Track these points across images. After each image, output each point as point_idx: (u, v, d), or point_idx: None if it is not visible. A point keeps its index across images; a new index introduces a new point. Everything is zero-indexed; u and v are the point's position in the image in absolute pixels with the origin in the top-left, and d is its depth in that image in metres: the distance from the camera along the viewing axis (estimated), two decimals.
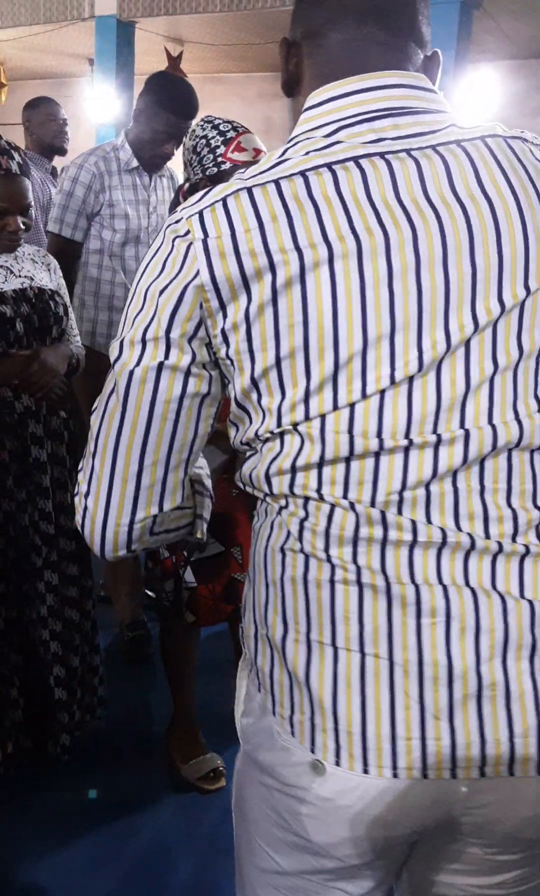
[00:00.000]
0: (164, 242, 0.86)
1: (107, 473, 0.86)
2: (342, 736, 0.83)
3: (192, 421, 0.87)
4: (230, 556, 2.06)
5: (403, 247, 0.81)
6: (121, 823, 2.07)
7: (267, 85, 10.62)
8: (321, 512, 0.84)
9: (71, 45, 9.28)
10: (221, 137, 1.91)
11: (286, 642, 0.86)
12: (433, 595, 0.81)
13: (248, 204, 0.83)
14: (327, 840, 0.87)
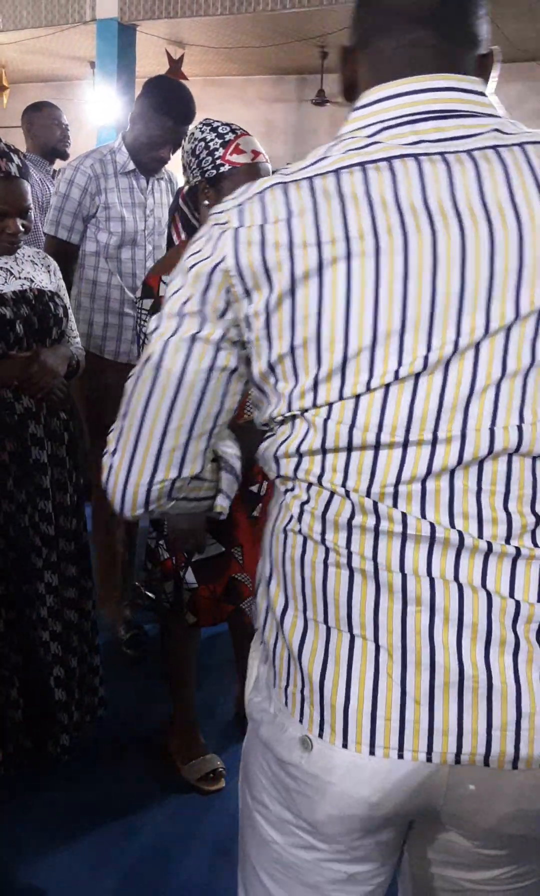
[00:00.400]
0: (207, 228, 0.92)
1: (133, 434, 0.91)
2: (327, 710, 0.86)
3: (218, 393, 0.91)
4: (231, 556, 2.07)
5: (422, 249, 0.83)
6: (120, 824, 2.07)
7: (267, 88, 10.64)
8: (321, 497, 0.87)
9: (72, 48, 9.29)
10: (220, 140, 1.92)
11: (285, 617, 0.91)
12: (419, 585, 0.84)
13: (281, 198, 0.87)
14: (315, 817, 0.90)
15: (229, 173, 1.90)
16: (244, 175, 1.90)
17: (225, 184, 1.91)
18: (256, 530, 2.05)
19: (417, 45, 0.90)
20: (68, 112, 3.84)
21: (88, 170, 2.61)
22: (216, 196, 1.93)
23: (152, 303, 1.89)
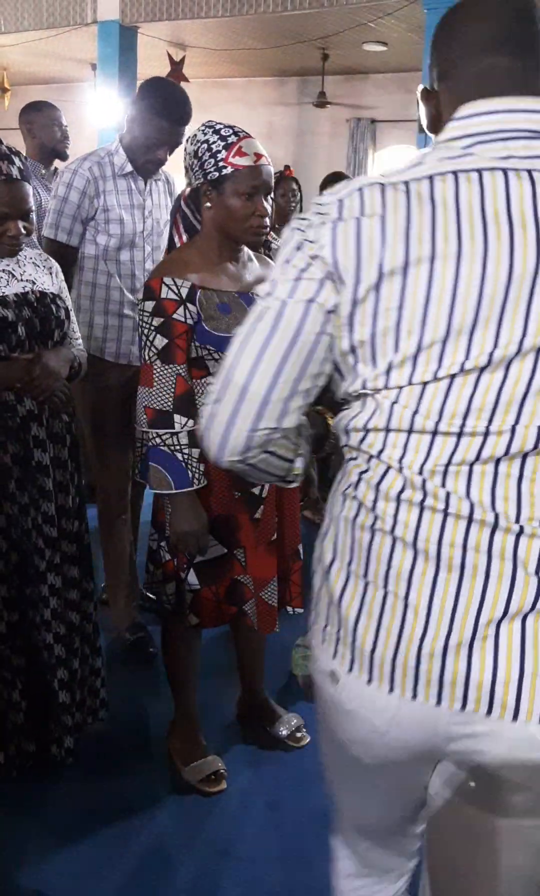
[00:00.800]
0: (311, 214, 1.02)
1: (241, 384, 0.98)
2: (356, 651, 0.99)
3: (320, 356, 1.00)
4: (233, 557, 2.07)
5: (499, 256, 0.92)
6: (122, 826, 2.07)
7: (269, 90, 10.64)
8: (378, 469, 0.99)
9: (74, 51, 9.30)
10: (223, 142, 1.92)
11: (331, 568, 1.04)
12: (452, 556, 0.94)
13: (378, 196, 0.97)
14: (345, 737, 1.05)
15: (232, 175, 1.91)
16: (246, 177, 1.91)
17: (227, 186, 1.91)
18: (259, 532, 2.05)
19: (495, 69, 1.00)
20: (69, 114, 3.84)
21: (86, 173, 2.61)
22: (218, 198, 1.93)
23: (154, 305, 1.90)
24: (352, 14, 7.37)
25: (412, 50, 8.02)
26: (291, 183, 4.23)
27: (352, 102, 10.07)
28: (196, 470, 1.92)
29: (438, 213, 0.93)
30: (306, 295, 0.98)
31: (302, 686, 2.66)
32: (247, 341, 1.00)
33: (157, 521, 2.09)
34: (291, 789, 2.23)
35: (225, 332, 1.92)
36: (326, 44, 8.58)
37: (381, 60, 9.15)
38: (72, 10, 8.35)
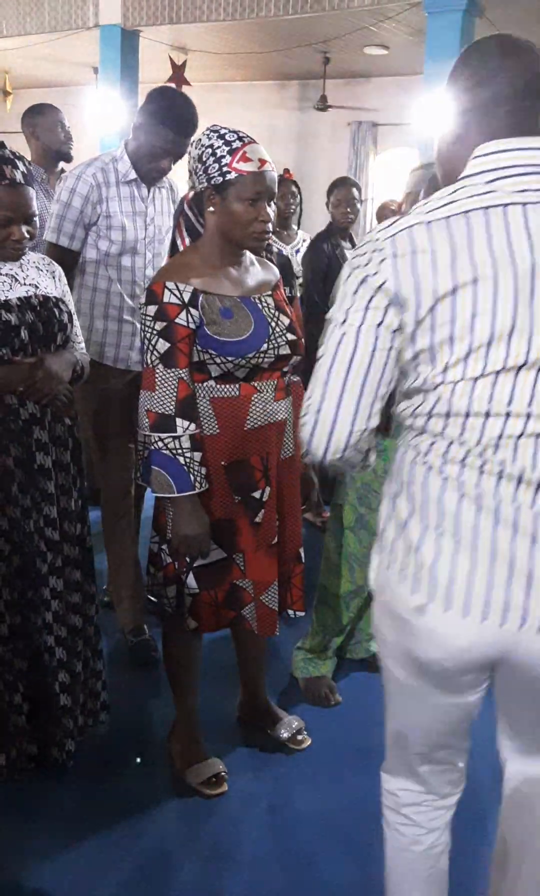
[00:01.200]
0: (369, 249, 1.24)
1: (336, 395, 1.24)
2: (437, 587, 1.24)
3: (393, 365, 1.25)
4: (232, 562, 2.07)
5: (527, 276, 1.17)
6: (122, 828, 2.08)
7: (271, 93, 10.65)
8: (442, 443, 1.24)
9: (75, 54, 9.31)
10: (227, 147, 1.92)
11: (409, 522, 1.28)
12: (508, 510, 1.21)
13: (425, 234, 1.20)
14: (426, 657, 1.28)
15: (236, 181, 1.91)
16: (250, 183, 1.91)
17: (231, 191, 1.92)
18: (258, 537, 2.06)
19: (524, 112, 1.25)
20: (71, 117, 3.84)
21: (90, 178, 2.62)
22: (222, 202, 1.94)
23: (156, 309, 1.90)
24: (353, 18, 7.39)
25: (413, 54, 8.02)
26: (290, 185, 4.24)
27: (353, 106, 10.07)
28: (198, 474, 1.93)
29: (474, 244, 1.17)
30: (375, 320, 1.22)
31: (303, 689, 2.67)
32: (334, 361, 1.25)
33: (159, 524, 2.09)
34: (293, 792, 2.24)
35: (227, 337, 1.92)
36: (328, 47, 8.59)
37: (382, 64, 9.16)
38: (74, 13, 8.37)
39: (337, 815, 2.16)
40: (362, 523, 2.53)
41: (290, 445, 2.14)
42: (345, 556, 2.57)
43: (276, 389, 2.04)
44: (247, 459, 2.01)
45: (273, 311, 2.04)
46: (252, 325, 1.97)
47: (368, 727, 2.52)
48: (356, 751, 2.41)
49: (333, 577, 2.61)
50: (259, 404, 2.00)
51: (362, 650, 2.85)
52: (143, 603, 2.92)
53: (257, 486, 2.03)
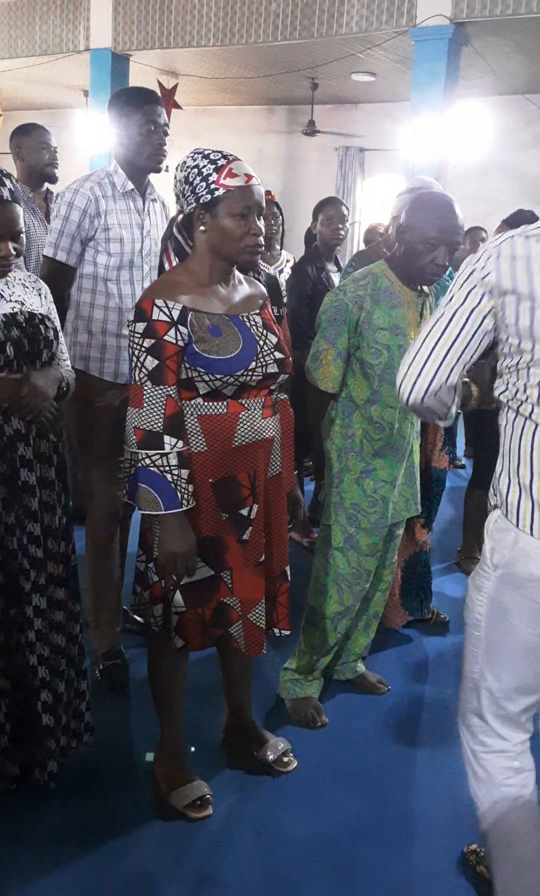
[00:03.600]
0: (482, 257, 1.56)
1: (428, 350, 1.57)
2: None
3: (477, 342, 1.56)
4: (220, 579, 2.06)
5: None
6: (105, 851, 2.04)
7: (259, 118, 10.77)
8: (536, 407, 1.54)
9: (66, 77, 9.40)
10: (213, 165, 1.94)
11: (533, 485, 1.56)
12: None
13: (521, 245, 1.52)
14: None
15: (224, 197, 1.92)
16: (239, 198, 1.93)
17: (220, 207, 1.93)
18: (245, 554, 2.05)
19: None
20: (61, 140, 3.86)
21: (88, 192, 2.63)
22: (212, 220, 1.95)
23: (145, 326, 1.90)
24: (341, 45, 7.50)
25: (400, 80, 8.15)
26: (272, 207, 4.27)
27: (340, 131, 10.20)
28: (185, 491, 1.92)
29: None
30: (472, 304, 1.54)
31: (289, 710, 2.64)
32: (434, 329, 1.56)
33: (146, 542, 2.08)
34: (278, 815, 2.21)
35: (215, 354, 1.92)
36: (316, 73, 8.71)
37: (369, 90, 9.29)
38: (65, 37, 8.46)
39: (323, 838, 2.13)
40: (351, 543, 2.53)
41: (277, 463, 2.13)
42: (333, 576, 2.56)
43: (263, 407, 2.04)
44: (234, 477, 2.01)
45: (261, 329, 2.04)
46: (240, 343, 1.97)
47: (354, 749, 2.50)
48: (343, 773, 2.39)
49: (321, 597, 2.59)
50: (247, 422, 2.00)
51: (349, 671, 2.83)
52: (120, 625, 2.90)
53: (245, 503, 2.02)
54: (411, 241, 2.35)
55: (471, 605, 1.70)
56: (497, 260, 1.52)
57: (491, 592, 1.64)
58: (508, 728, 1.72)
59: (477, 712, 1.74)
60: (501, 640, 1.65)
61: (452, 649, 3.19)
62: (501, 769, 1.73)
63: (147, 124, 2.62)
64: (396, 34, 6.91)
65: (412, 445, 2.58)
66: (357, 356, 2.43)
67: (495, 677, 1.68)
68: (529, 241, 1.51)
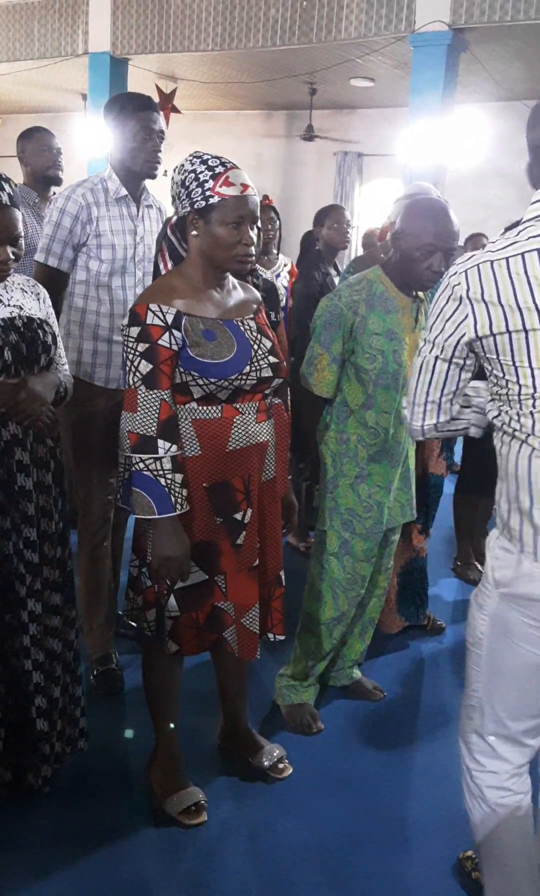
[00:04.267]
0: (448, 287, 1.53)
1: (422, 397, 1.61)
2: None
3: (463, 375, 1.59)
4: (214, 584, 2.06)
5: None
6: (100, 858, 2.03)
7: (257, 122, 10.79)
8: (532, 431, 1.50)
9: (65, 81, 9.42)
10: (210, 172, 1.94)
11: (533, 511, 1.51)
12: None
13: (489, 271, 1.47)
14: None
15: (218, 205, 1.93)
16: (233, 207, 1.93)
17: (214, 215, 1.93)
18: (240, 558, 2.05)
19: None
20: (59, 143, 3.88)
21: (80, 199, 2.63)
22: (205, 226, 1.95)
23: (139, 330, 1.90)
24: (340, 50, 7.52)
25: (398, 86, 8.17)
26: (269, 211, 4.28)
27: (339, 136, 10.22)
28: (179, 495, 1.92)
29: (533, 284, 1.44)
30: (435, 353, 1.57)
31: (285, 716, 2.64)
32: (419, 375, 1.61)
33: (139, 546, 2.07)
34: (273, 821, 2.20)
35: (209, 359, 1.92)
36: (314, 79, 8.74)
37: (367, 96, 9.32)
38: (63, 41, 8.48)
39: (318, 844, 2.13)
40: (347, 549, 2.52)
41: (271, 467, 2.13)
42: (329, 582, 2.56)
43: (257, 411, 2.03)
44: (229, 481, 2.00)
45: (255, 333, 2.04)
46: (235, 348, 1.97)
47: (350, 755, 2.50)
48: (338, 779, 2.38)
49: (316, 603, 2.59)
50: (241, 426, 2.00)
51: (345, 677, 2.83)
52: (112, 631, 2.89)
53: (239, 507, 2.02)
54: (407, 247, 2.35)
55: (473, 622, 1.68)
56: (469, 294, 1.49)
57: (493, 611, 1.61)
58: (509, 748, 1.69)
59: (478, 731, 1.71)
60: (502, 658, 1.63)
61: (448, 656, 3.19)
62: (494, 789, 1.70)
63: (142, 131, 2.63)
64: (395, 40, 6.93)
65: (408, 451, 2.58)
66: (352, 361, 2.43)
67: (497, 696, 1.65)
68: (495, 267, 1.46)
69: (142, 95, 2.74)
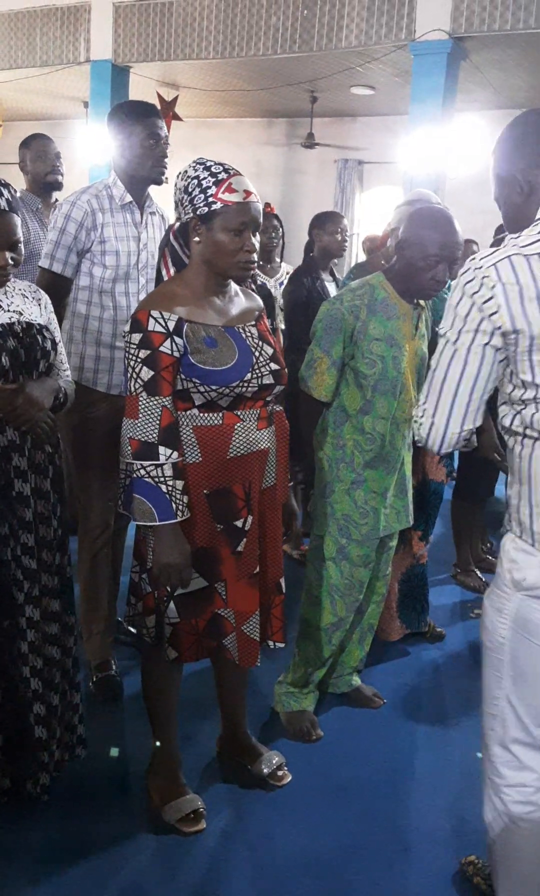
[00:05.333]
0: (476, 279, 1.46)
1: (449, 400, 1.51)
2: None
3: (494, 377, 1.51)
4: (214, 591, 2.05)
5: None
6: (99, 865, 2.02)
7: (258, 130, 10.82)
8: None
9: (66, 88, 9.44)
10: (213, 178, 1.94)
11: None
12: None
13: (524, 263, 1.44)
14: None
15: (221, 211, 1.93)
16: (235, 214, 1.93)
17: (216, 221, 1.94)
18: (240, 566, 2.04)
19: None
20: (61, 151, 3.89)
21: (85, 205, 2.64)
22: (207, 232, 1.95)
23: (141, 337, 1.90)
24: (340, 58, 7.54)
25: (399, 94, 8.20)
26: (272, 219, 4.29)
27: (339, 144, 10.25)
28: (180, 502, 1.92)
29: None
30: (482, 341, 1.47)
31: (284, 723, 2.63)
32: (447, 373, 1.51)
33: (140, 553, 2.07)
34: (272, 829, 2.19)
35: (210, 366, 1.92)
36: (315, 87, 8.76)
37: (368, 104, 9.34)
38: (65, 49, 8.51)
39: (318, 851, 2.12)
40: (344, 554, 2.52)
41: (272, 475, 2.13)
42: (326, 587, 2.55)
43: (258, 418, 2.03)
44: (229, 488, 2.00)
45: (257, 340, 2.04)
46: (236, 355, 1.97)
47: (349, 762, 2.49)
48: (337, 787, 2.37)
49: (314, 609, 2.58)
50: (242, 433, 1.99)
51: (344, 684, 2.82)
52: (112, 637, 2.88)
53: (239, 514, 2.02)
54: (411, 256, 2.35)
55: (491, 627, 1.62)
56: (502, 291, 1.43)
57: (513, 613, 1.56)
58: (535, 755, 1.63)
59: (501, 741, 1.64)
60: (527, 661, 1.57)
61: (449, 662, 3.18)
62: (520, 804, 1.65)
63: (149, 137, 2.64)
64: (395, 48, 6.95)
65: (404, 457, 2.58)
66: (351, 366, 2.43)
67: (522, 701, 1.60)
68: (524, 261, 1.43)
69: (145, 103, 2.75)
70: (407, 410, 2.48)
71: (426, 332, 2.59)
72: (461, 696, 2.94)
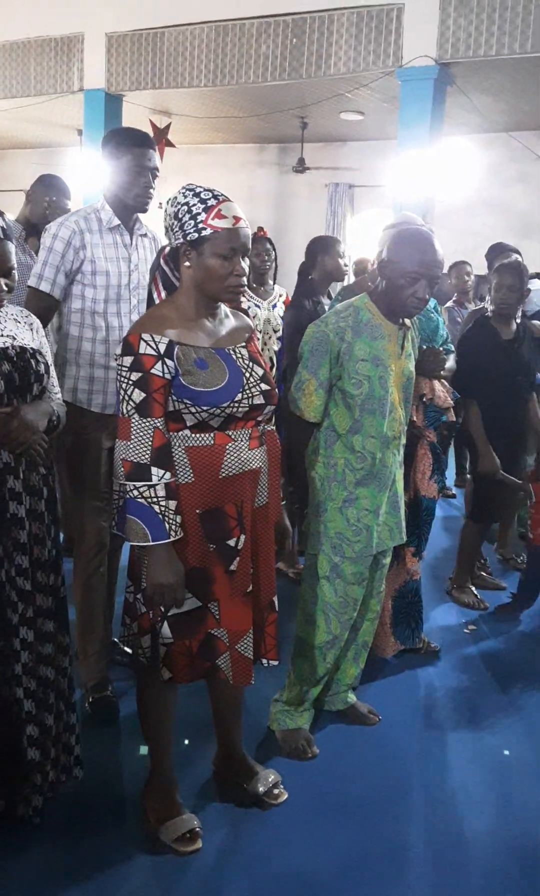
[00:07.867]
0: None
1: None
2: None
3: None
4: (207, 611, 2.07)
5: None
6: (95, 886, 2.02)
7: (250, 155, 10.95)
8: None
9: (60, 117, 9.56)
10: (202, 205, 1.98)
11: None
12: None
13: None
14: None
15: (211, 237, 1.97)
16: (225, 239, 1.97)
17: (206, 246, 1.98)
18: (233, 585, 2.06)
19: None
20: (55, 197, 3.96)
21: (73, 225, 2.69)
22: (197, 258, 2.00)
23: (132, 360, 1.94)
24: (330, 85, 7.66)
25: (387, 119, 8.31)
26: (265, 243, 4.34)
27: (330, 167, 10.38)
28: (173, 522, 1.94)
29: None
30: None
31: (280, 741, 2.63)
32: None
33: (134, 573, 2.09)
34: (269, 848, 2.19)
35: (202, 387, 1.96)
36: (305, 113, 8.89)
37: (357, 129, 9.47)
38: (59, 78, 8.63)
39: (314, 870, 2.12)
40: (338, 572, 2.54)
41: (264, 494, 2.15)
42: (321, 605, 2.57)
43: (250, 438, 2.06)
44: (222, 508, 2.03)
45: (247, 361, 2.08)
46: (227, 376, 2.00)
47: (346, 780, 2.49)
48: (334, 805, 2.37)
49: (309, 627, 2.60)
50: (234, 453, 2.03)
51: (340, 702, 2.83)
52: (108, 658, 2.89)
53: (232, 534, 2.04)
54: (392, 275, 2.40)
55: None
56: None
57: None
58: None
59: None
60: None
61: (444, 679, 3.19)
62: None
63: (136, 167, 2.69)
64: (383, 74, 7.07)
65: (395, 475, 2.61)
66: (339, 386, 2.47)
67: None
68: None
69: (139, 131, 2.80)
70: (396, 429, 2.52)
71: (412, 350, 2.63)
72: (457, 712, 2.95)
